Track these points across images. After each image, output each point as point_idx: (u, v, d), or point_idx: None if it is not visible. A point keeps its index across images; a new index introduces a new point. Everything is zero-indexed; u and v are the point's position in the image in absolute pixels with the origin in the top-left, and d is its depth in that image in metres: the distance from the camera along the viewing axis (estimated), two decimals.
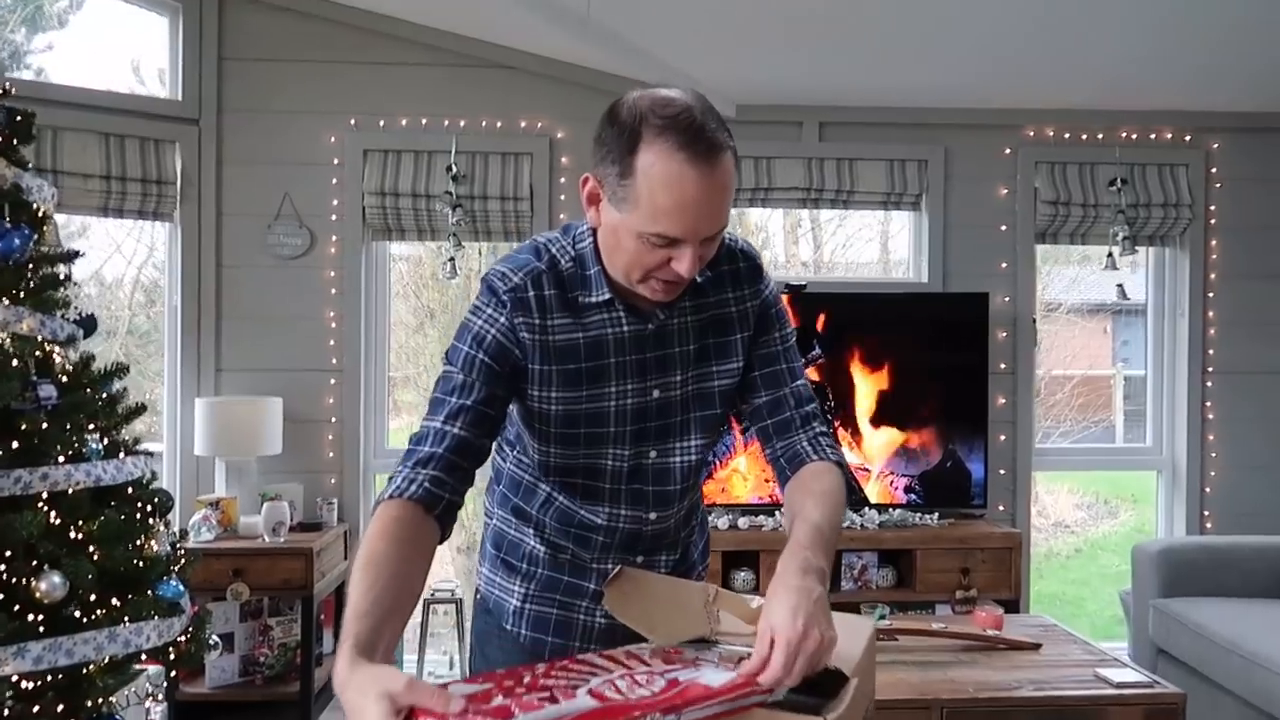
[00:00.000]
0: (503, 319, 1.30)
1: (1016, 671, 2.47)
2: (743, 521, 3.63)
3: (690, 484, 1.45)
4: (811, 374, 3.78)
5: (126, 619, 2.38)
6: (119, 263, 5.12)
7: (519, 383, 1.33)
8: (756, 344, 1.41)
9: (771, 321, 1.43)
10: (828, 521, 1.23)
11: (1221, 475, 4.06)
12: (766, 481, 3.75)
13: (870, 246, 5.44)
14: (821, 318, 3.77)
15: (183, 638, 2.59)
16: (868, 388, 3.79)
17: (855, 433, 3.79)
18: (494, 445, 1.38)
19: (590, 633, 1.45)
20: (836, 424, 3.78)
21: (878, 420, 3.79)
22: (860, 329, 3.81)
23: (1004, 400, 3.99)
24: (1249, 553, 3.44)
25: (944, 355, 3.82)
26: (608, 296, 1.31)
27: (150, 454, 2.74)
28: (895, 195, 3.97)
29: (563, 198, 3.86)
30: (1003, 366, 3.99)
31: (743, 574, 3.54)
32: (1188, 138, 4.05)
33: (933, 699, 2.30)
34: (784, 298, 1.48)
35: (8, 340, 2.30)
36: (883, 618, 2.72)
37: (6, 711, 2.11)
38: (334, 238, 3.81)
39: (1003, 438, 3.98)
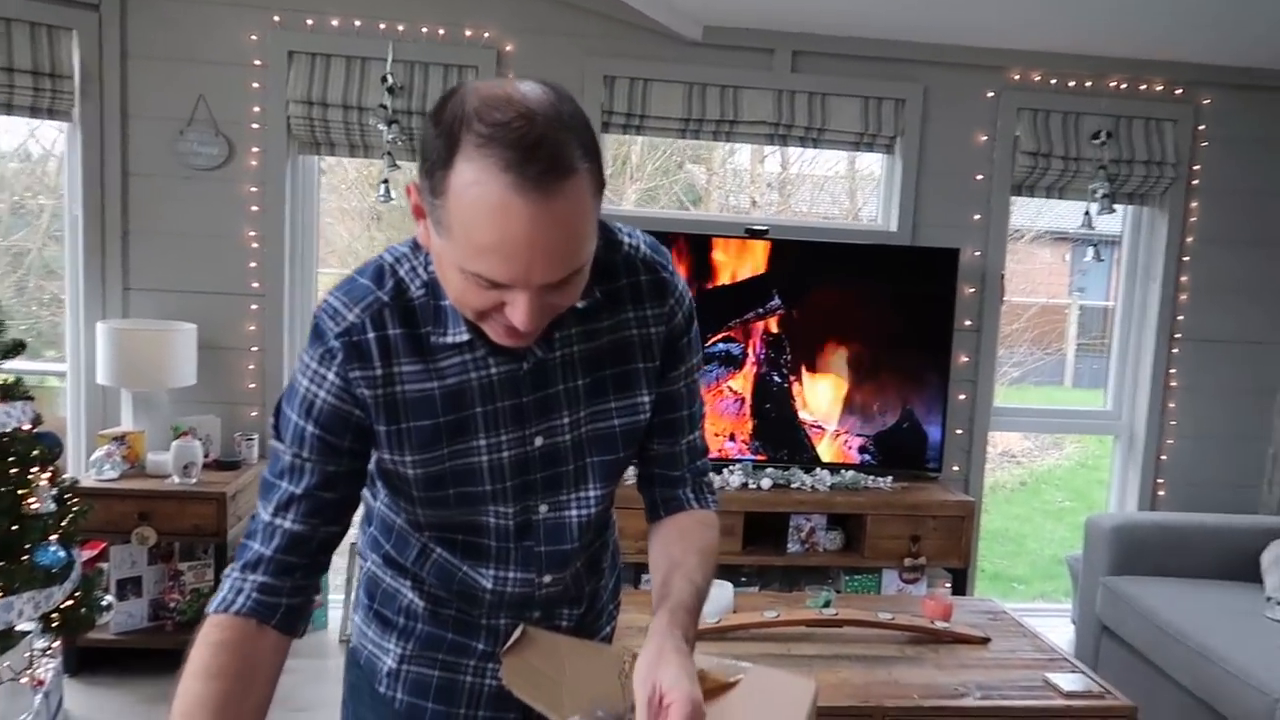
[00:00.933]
0: (332, 375, 1.04)
1: (963, 672, 2.35)
2: None
3: (589, 540, 1.22)
4: (770, 326, 3.56)
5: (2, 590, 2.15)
6: (46, 135, 4.65)
7: (365, 446, 1.08)
8: (662, 378, 1.18)
9: (681, 354, 1.18)
10: (707, 586, 1.16)
11: (1179, 444, 3.96)
12: (716, 435, 3.57)
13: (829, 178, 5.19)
14: (783, 263, 3.53)
15: (69, 601, 2.38)
16: (827, 342, 3.59)
17: (811, 389, 3.60)
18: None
19: (478, 697, 1.23)
20: (793, 379, 3.59)
21: (836, 376, 3.60)
22: (823, 280, 3.59)
23: (966, 359, 3.82)
24: (1204, 533, 3.36)
25: (909, 311, 3.62)
26: (466, 337, 1.05)
27: (30, 398, 2.46)
28: (869, 136, 3.70)
29: None
30: (967, 323, 3.81)
31: None
32: (1178, 91, 3.81)
33: (875, 705, 2.16)
34: (695, 316, 1.22)
35: None
36: (828, 603, 2.58)
37: None
38: (254, 149, 3.45)
39: (962, 396, 3.83)
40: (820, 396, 3.61)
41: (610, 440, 1.15)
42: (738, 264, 3.51)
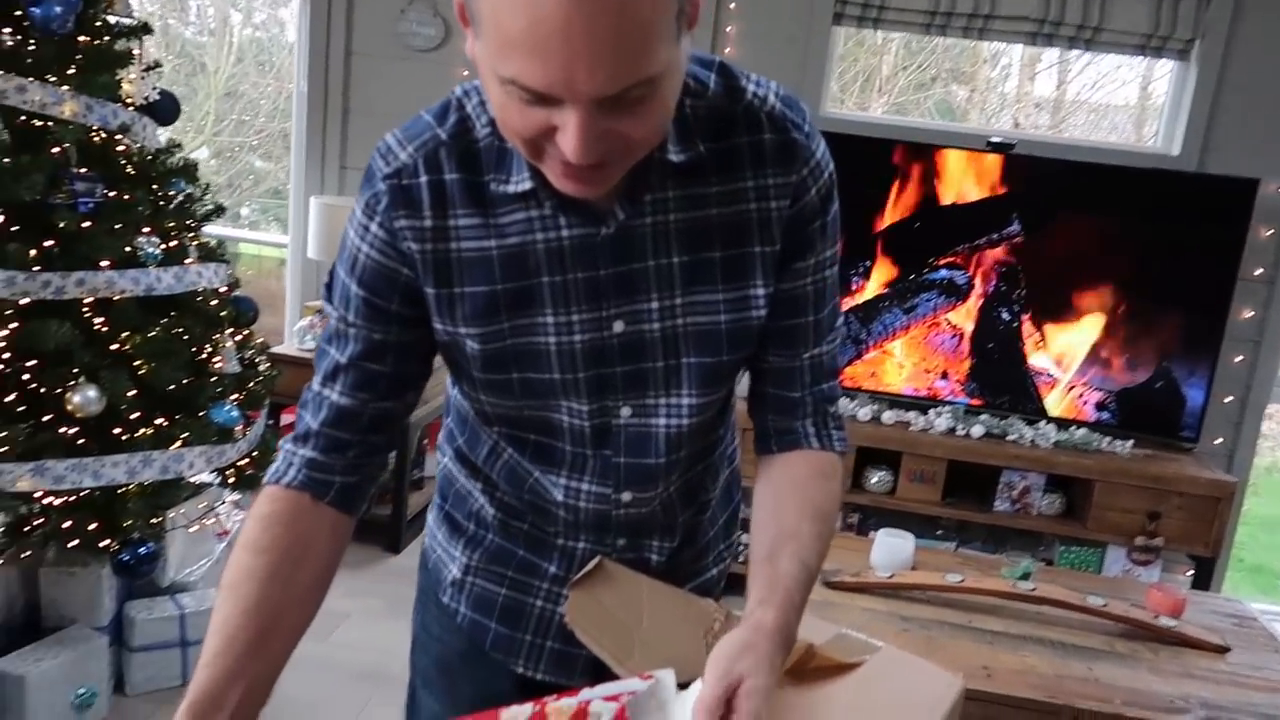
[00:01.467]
0: (375, 226, 0.88)
1: (1186, 683, 1.94)
2: (889, 415, 3.13)
3: (684, 454, 0.99)
4: (1004, 255, 3.11)
5: (180, 442, 2.23)
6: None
7: (418, 312, 0.92)
8: (784, 271, 0.93)
9: (810, 241, 0.93)
10: (818, 559, 0.93)
11: None
12: (926, 372, 3.20)
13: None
14: (1028, 185, 3.06)
15: (244, 460, 2.45)
16: (1073, 279, 3.10)
17: (1047, 331, 3.14)
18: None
19: (548, 626, 1.07)
20: (1025, 318, 3.13)
21: (1078, 320, 3.11)
22: (1075, 206, 3.07)
23: (1250, 314, 3.19)
24: None
25: (1181, 250, 3.04)
26: (528, 185, 0.85)
27: (227, 261, 2.52)
28: (1158, 38, 3.09)
29: (733, 4, 3.23)
30: (1258, 272, 3.17)
31: (880, 474, 3.08)
32: None
33: (1064, 704, 1.82)
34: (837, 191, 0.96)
35: (48, 125, 2.05)
36: (1026, 575, 2.22)
37: (29, 527, 2.02)
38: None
39: (1239, 359, 3.22)
40: (1057, 341, 3.14)
41: (713, 339, 0.93)
42: (974, 181, 3.07)
